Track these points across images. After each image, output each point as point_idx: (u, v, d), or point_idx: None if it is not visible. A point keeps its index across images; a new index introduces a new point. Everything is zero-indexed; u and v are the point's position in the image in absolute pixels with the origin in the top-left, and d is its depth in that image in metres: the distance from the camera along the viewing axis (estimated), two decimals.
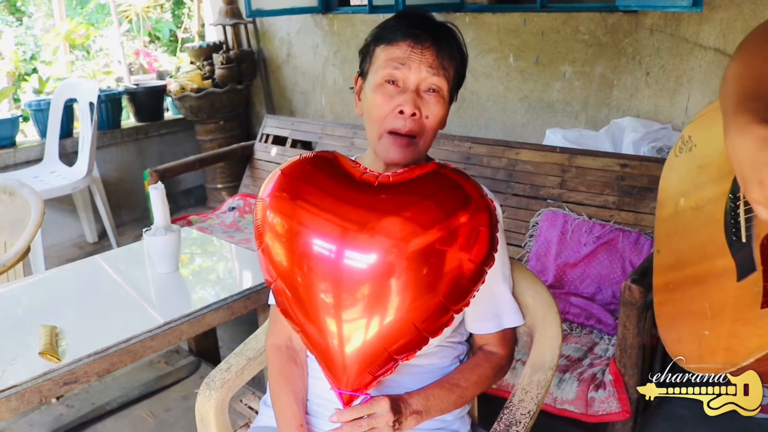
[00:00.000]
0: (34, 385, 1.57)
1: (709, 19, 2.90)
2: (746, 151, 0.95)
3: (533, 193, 2.88)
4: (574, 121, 3.49)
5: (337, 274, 1.09)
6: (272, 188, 1.16)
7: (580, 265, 2.61)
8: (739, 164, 0.98)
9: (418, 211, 1.09)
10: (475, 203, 1.11)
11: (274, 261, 1.15)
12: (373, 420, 1.11)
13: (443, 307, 1.09)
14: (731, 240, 1.11)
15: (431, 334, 1.10)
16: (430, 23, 1.25)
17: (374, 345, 1.09)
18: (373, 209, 1.10)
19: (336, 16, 4.42)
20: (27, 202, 2.44)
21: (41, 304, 1.98)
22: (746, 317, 1.02)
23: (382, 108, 1.22)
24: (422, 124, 1.22)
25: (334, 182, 1.15)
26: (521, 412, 1.28)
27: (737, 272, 1.08)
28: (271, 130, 4.08)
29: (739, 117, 1.00)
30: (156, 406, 2.20)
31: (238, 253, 2.43)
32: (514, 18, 3.62)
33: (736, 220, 1.12)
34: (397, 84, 1.21)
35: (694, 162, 1.31)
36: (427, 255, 1.07)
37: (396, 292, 1.07)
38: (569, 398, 2.09)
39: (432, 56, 1.20)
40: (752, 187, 0.94)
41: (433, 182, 1.14)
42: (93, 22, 6.63)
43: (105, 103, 4.47)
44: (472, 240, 1.09)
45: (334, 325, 1.10)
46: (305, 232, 1.11)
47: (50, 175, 4.06)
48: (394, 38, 1.22)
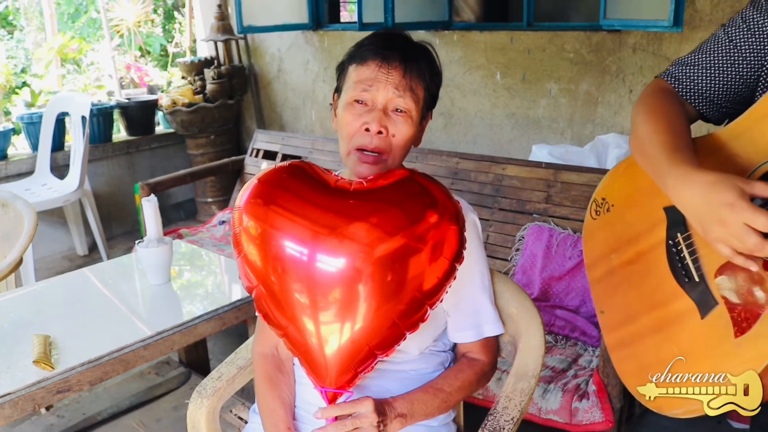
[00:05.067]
0: (28, 393, 1.59)
1: (690, 38, 2.98)
2: (698, 198, 1.03)
3: (519, 207, 2.93)
4: (560, 137, 3.56)
5: (309, 275, 1.13)
6: (248, 195, 1.20)
7: (565, 279, 2.66)
8: (693, 209, 1.05)
9: (385, 217, 1.14)
10: (442, 204, 1.17)
11: (252, 265, 1.19)
12: (358, 420, 1.14)
13: (419, 303, 1.14)
14: (683, 282, 1.15)
15: (408, 329, 1.15)
16: (402, 43, 1.29)
17: (355, 342, 1.13)
18: (344, 214, 1.14)
19: (326, 33, 4.48)
20: (20, 214, 2.46)
21: (33, 315, 2.00)
22: (723, 351, 1.06)
23: (350, 125, 1.26)
24: (389, 142, 1.26)
25: (308, 188, 1.20)
26: (505, 419, 1.32)
27: (699, 310, 1.11)
28: (262, 144, 4.12)
29: (677, 169, 1.08)
30: (147, 417, 2.21)
31: (227, 265, 2.46)
32: (501, 36, 3.69)
33: (682, 264, 1.15)
34: (366, 103, 1.26)
35: (616, 221, 1.36)
36: (398, 257, 1.12)
37: (368, 292, 1.12)
38: (554, 408, 2.13)
39: (399, 77, 1.24)
40: (713, 228, 1.01)
41: (404, 188, 1.19)
42: (84, 36, 6.66)
43: (97, 116, 4.49)
44: (442, 239, 1.15)
45: (311, 324, 1.14)
46: (278, 235, 1.15)
47: (41, 187, 4.07)
48: (365, 58, 1.26)
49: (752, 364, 1.00)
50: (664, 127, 1.18)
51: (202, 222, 4.39)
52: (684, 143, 1.14)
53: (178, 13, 7.08)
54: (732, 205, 0.98)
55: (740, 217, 0.97)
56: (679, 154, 1.11)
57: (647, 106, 1.25)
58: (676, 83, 1.27)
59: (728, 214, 0.98)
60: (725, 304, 1.07)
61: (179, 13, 7.01)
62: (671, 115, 1.21)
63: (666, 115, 1.21)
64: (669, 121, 1.19)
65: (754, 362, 1.00)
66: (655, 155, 1.15)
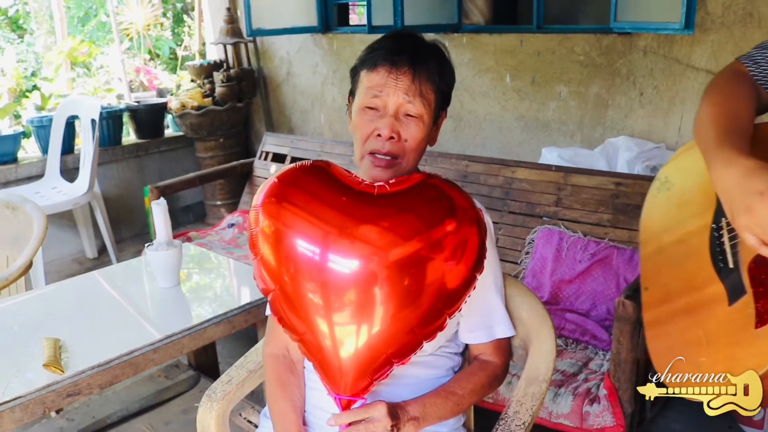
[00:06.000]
0: (38, 396, 1.59)
1: (701, 41, 2.96)
2: (733, 182, 1.03)
3: (529, 210, 2.92)
4: (570, 140, 3.54)
5: (322, 275, 1.12)
6: (264, 194, 1.19)
7: (575, 282, 2.65)
8: (727, 195, 1.05)
9: (399, 221, 1.13)
10: (463, 211, 1.16)
11: (268, 267, 1.18)
12: (371, 424, 1.14)
13: (437, 311, 1.13)
14: (719, 268, 1.16)
15: (426, 337, 1.14)
16: (412, 45, 1.28)
17: (372, 348, 1.13)
18: (355, 216, 1.14)
19: (335, 36, 4.49)
20: (30, 218, 2.47)
21: (43, 318, 2.00)
22: (741, 339, 1.06)
23: (363, 130, 1.27)
24: (402, 147, 1.26)
25: (325, 188, 1.19)
26: (516, 424, 1.31)
27: (728, 297, 1.12)
28: (271, 147, 4.13)
29: (722, 152, 1.08)
30: (156, 420, 2.21)
31: (236, 268, 2.46)
32: (510, 39, 3.68)
33: (721, 249, 1.16)
34: (377, 109, 1.26)
35: (673, 200, 1.36)
36: (413, 262, 1.11)
37: (385, 296, 1.11)
38: (564, 412, 2.11)
39: (408, 82, 1.24)
40: (740, 215, 1.01)
41: (424, 193, 1.18)
42: (94, 39, 6.69)
43: (106, 120, 4.51)
44: (462, 247, 1.13)
45: (325, 325, 1.13)
46: (290, 233, 1.14)
47: (51, 191, 4.09)
48: (375, 64, 1.26)
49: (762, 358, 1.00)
50: (723, 110, 1.17)
51: (211, 225, 4.40)
52: (738, 128, 1.13)
53: (188, 17, 7.11)
54: (763, 194, 0.97)
55: None
56: (728, 138, 1.10)
57: (715, 87, 1.24)
58: (754, 67, 1.25)
59: (757, 203, 0.97)
60: (752, 294, 1.07)
61: (188, 16, 7.04)
62: (734, 99, 1.19)
63: (728, 98, 1.19)
64: (729, 105, 1.18)
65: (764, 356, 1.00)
66: (707, 137, 1.15)
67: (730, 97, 1.19)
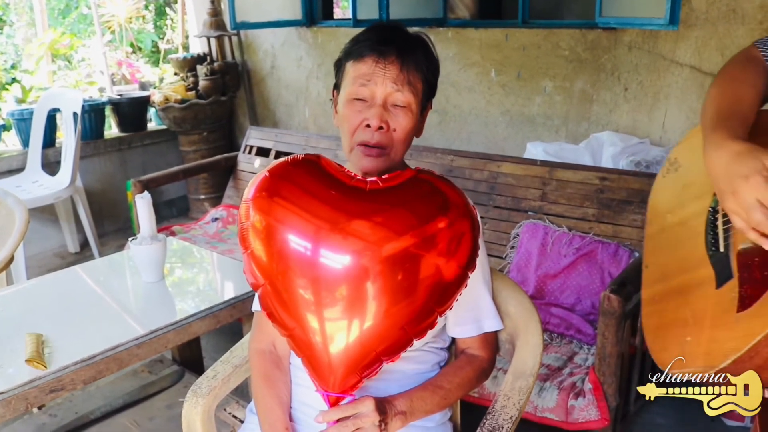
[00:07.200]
0: (21, 392, 1.57)
1: (685, 37, 2.97)
2: (721, 165, 1.04)
3: (514, 205, 2.93)
4: (555, 134, 3.55)
5: (314, 271, 1.11)
6: (255, 188, 1.18)
7: (560, 276, 2.66)
8: (715, 177, 1.07)
9: (392, 216, 1.13)
10: (455, 208, 1.15)
11: (258, 262, 1.16)
12: (359, 420, 1.13)
13: (429, 309, 1.12)
14: (711, 251, 1.17)
15: (416, 335, 1.13)
16: (398, 36, 1.28)
17: (362, 345, 1.12)
18: (347, 211, 1.13)
19: (320, 30, 4.47)
20: (11, 212, 2.43)
21: (25, 313, 1.98)
22: (723, 322, 1.07)
23: (351, 122, 1.27)
24: (391, 137, 1.26)
25: (317, 182, 1.17)
26: (503, 418, 1.31)
27: (716, 280, 1.13)
28: (255, 141, 4.10)
29: (715, 134, 1.10)
30: (140, 415, 2.20)
31: (220, 262, 2.45)
32: (496, 33, 3.68)
33: (715, 232, 1.18)
34: (365, 100, 1.25)
35: (679, 181, 1.37)
36: (407, 257, 1.10)
37: (378, 291, 1.10)
38: (549, 406, 2.12)
39: (396, 71, 1.24)
40: (727, 198, 1.03)
41: (417, 188, 1.17)
42: (75, 32, 6.62)
43: (88, 113, 4.46)
44: (455, 244, 1.13)
45: (315, 321, 1.12)
46: (281, 228, 1.13)
47: (33, 184, 4.04)
48: (361, 54, 1.26)
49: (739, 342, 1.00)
50: (725, 93, 1.19)
51: (195, 219, 4.36)
52: (737, 112, 1.14)
53: (170, 9, 7.04)
54: (747, 177, 0.98)
55: (753, 192, 0.98)
56: (725, 122, 1.11)
57: (724, 71, 1.25)
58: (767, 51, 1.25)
59: (741, 186, 0.99)
60: (738, 278, 1.08)
61: (171, 9, 6.97)
62: (738, 83, 1.20)
63: (733, 82, 1.21)
64: (732, 89, 1.19)
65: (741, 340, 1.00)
66: (706, 119, 1.16)
67: (736, 80, 1.21)
